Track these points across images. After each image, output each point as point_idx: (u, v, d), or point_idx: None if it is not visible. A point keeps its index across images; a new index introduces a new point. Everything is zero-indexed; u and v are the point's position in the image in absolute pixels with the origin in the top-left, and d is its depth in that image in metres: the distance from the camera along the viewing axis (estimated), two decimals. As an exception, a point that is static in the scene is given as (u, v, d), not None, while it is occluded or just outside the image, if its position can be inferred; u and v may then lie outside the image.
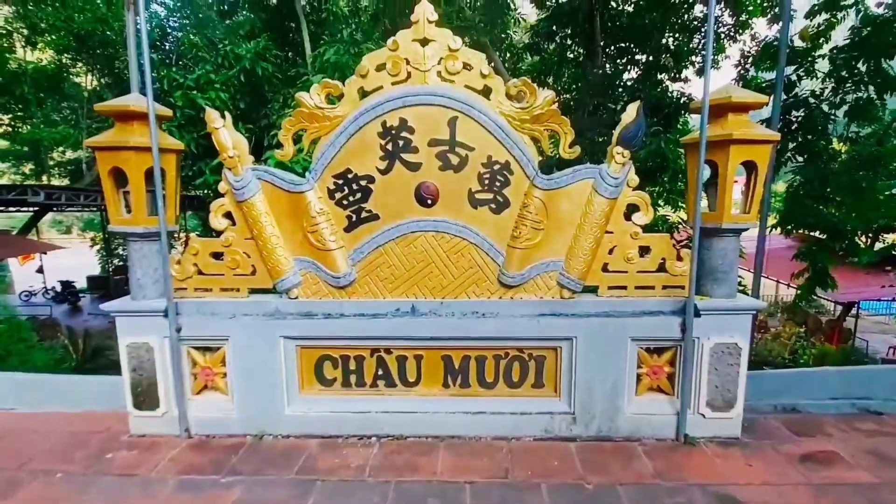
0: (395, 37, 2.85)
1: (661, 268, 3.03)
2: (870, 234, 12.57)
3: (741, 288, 9.04)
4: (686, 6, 11.33)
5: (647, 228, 3.00)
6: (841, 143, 8.31)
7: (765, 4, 11.45)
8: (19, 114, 14.77)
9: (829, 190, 7.66)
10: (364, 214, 2.96)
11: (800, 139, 7.58)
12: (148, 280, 3.01)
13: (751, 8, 11.22)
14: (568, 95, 12.42)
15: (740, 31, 11.92)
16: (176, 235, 9.57)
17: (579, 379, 3.00)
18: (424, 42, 2.83)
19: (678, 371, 3.02)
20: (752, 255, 6.47)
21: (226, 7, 10.47)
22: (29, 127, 14.53)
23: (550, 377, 3.10)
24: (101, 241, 18.92)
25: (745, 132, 2.76)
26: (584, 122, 9.50)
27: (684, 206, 6.70)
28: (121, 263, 17.48)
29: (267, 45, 8.38)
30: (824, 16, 7.73)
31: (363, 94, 2.88)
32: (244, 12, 10.48)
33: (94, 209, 14.65)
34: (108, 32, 11.40)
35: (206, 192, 9.80)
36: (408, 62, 2.84)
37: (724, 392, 3.00)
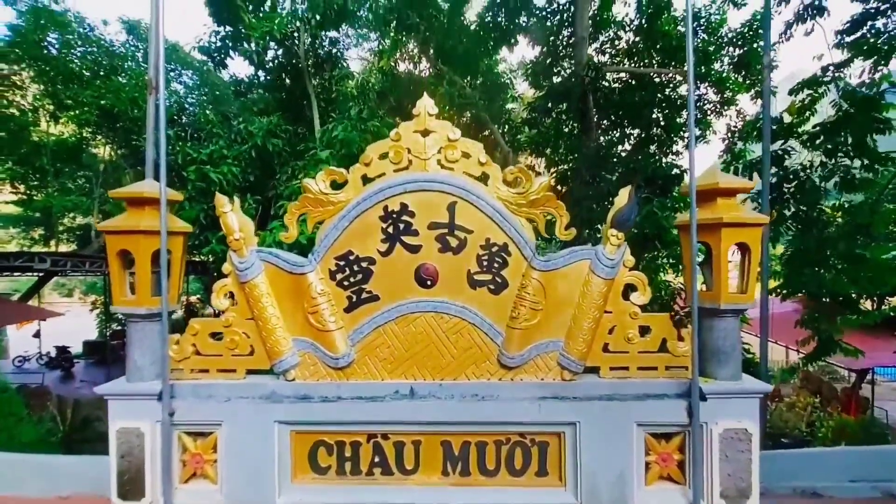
0: (398, 128, 3.04)
1: (663, 348, 3.01)
2: (873, 298, 12.49)
3: (750, 355, 8.83)
4: (672, 85, 12.10)
5: (650, 300, 3.01)
6: (835, 211, 8.49)
7: (747, 83, 12.23)
8: (35, 183, 15.34)
9: (827, 253, 7.71)
10: (364, 295, 2.99)
11: (793, 209, 7.75)
12: (146, 361, 2.99)
13: (734, 87, 11.96)
14: (565, 166, 12.93)
15: (725, 107, 12.64)
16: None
17: (585, 467, 2.88)
18: (425, 133, 3.00)
19: (688, 458, 2.89)
20: (757, 320, 6.41)
21: (242, 87, 11.19)
22: (43, 195, 15.04)
23: (554, 465, 2.97)
24: (102, 305, 18.90)
25: (734, 216, 2.85)
26: (581, 191, 9.80)
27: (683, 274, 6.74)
28: (118, 328, 17.35)
29: (278, 122, 8.88)
30: (808, 91, 8.11)
31: (366, 180, 3.02)
32: (259, 91, 11.17)
33: (98, 274, 14.78)
34: (134, 110, 12.11)
35: (210, 258, 9.94)
36: (409, 151, 3.00)
37: (738, 480, 2.86)
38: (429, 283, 2.97)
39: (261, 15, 9.40)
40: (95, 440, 8.55)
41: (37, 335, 17.59)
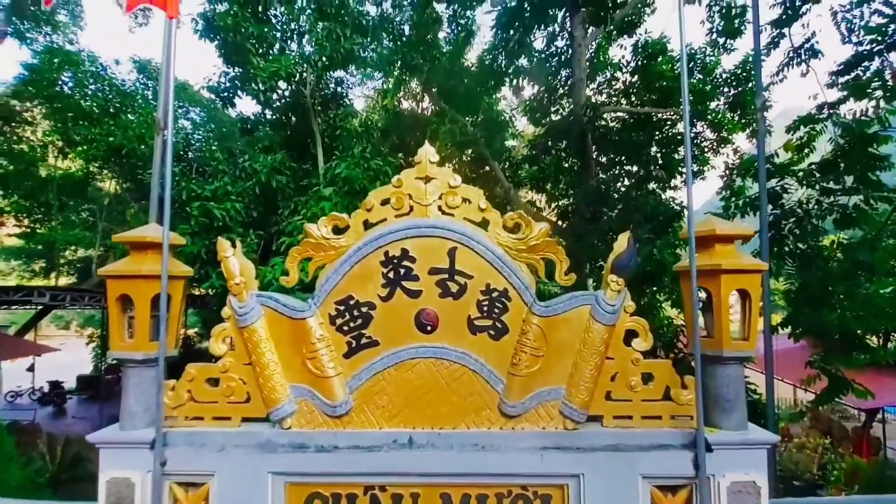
0: (400, 175, 3.09)
1: (667, 395, 2.95)
2: (880, 335, 12.32)
3: (756, 396, 8.59)
4: (670, 123, 12.38)
5: (653, 337, 2.98)
6: (835, 248, 8.47)
7: (743, 122, 12.49)
8: (39, 216, 15.50)
9: (830, 290, 7.64)
10: (364, 340, 2.97)
11: (791, 247, 7.76)
12: (139, 408, 2.93)
13: (729, 126, 12.21)
14: (566, 201, 13.08)
15: (722, 144, 12.87)
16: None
17: (589, 523, 2.78)
18: (427, 179, 3.06)
19: (696, 513, 2.79)
20: (762, 357, 6.26)
21: (248, 125, 11.46)
22: (47, 228, 15.17)
23: (558, 520, 2.87)
24: (98, 339, 18.73)
25: (733, 262, 2.86)
26: (582, 227, 9.86)
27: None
28: (114, 362, 17.13)
29: (283, 160, 9.05)
30: (804, 129, 8.17)
31: (367, 225, 3.05)
32: (265, 128, 11.42)
33: (97, 307, 14.72)
34: (141, 146, 12.37)
35: (210, 291, 9.93)
36: (411, 197, 3.05)
37: (749, 537, 2.75)
38: (429, 328, 2.96)
39: (270, 57, 9.72)
40: (85, 479, 8.30)
41: (31, 369, 17.34)
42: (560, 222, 11.78)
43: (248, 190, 8.69)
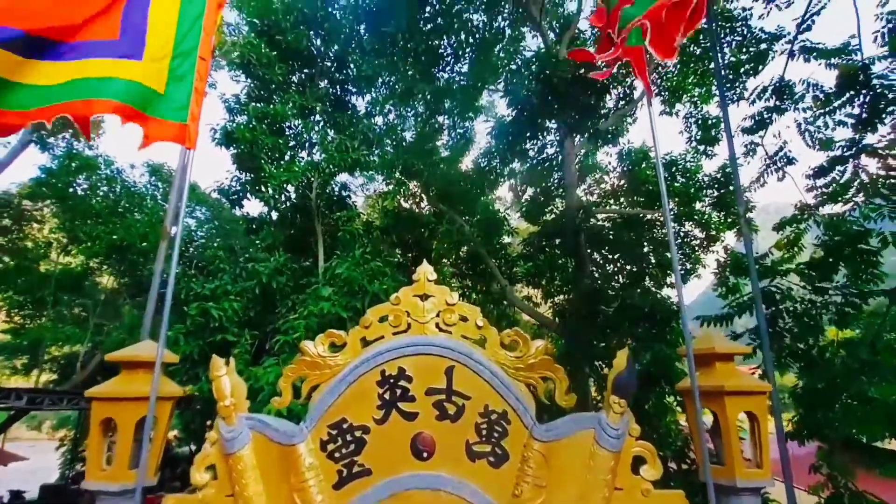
0: (398, 293, 3.15)
1: (682, 530, 2.73)
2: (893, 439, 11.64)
3: (775, 510, 7.85)
4: (659, 224, 12.87)
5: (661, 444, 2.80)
6: (837, 347, 8.33)
7: (728, 221, 13.00)
8: (30, 311, 15.33)
9: (834, 391, 7.37)
10: (356, 469, 2.80)
11: (791, 347, 7.65)
12: (106, 549, 2.67)
13: (716, 226, 12.70)
14: (561, 297, 13.14)
15: (712, 243, 13.27)
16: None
17: None
18: (424, 297, 3.11)
19: None
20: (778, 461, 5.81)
21: (254, 225, 11.84)
22: (37, 324, 14.93)
23: None
24: (70, 442, 17.53)
25: (735, 384, 2.82)
26: (579, 326, 9.80)
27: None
28: (82, 468, 15.86)
29: (285, 262, 9.23)
30: (791, 229, 8.39)
31: (365, 343, 3.04)
32: (269, 228, 11.77)
33: (75, 409, 13.99)
34: (143, 243, 12.65)
35: (197, 393, 9.52)
36: (409, 314, 3.07)
37: None
38: (425, 454, 2.81)
39: (281, 164, 10.35)
40: None
41: (-7, 476, 15.99)
42: (556, 319, 11.72)
43: (247, 290, 8.74)
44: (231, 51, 13.66)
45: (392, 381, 2.92)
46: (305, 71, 11.74)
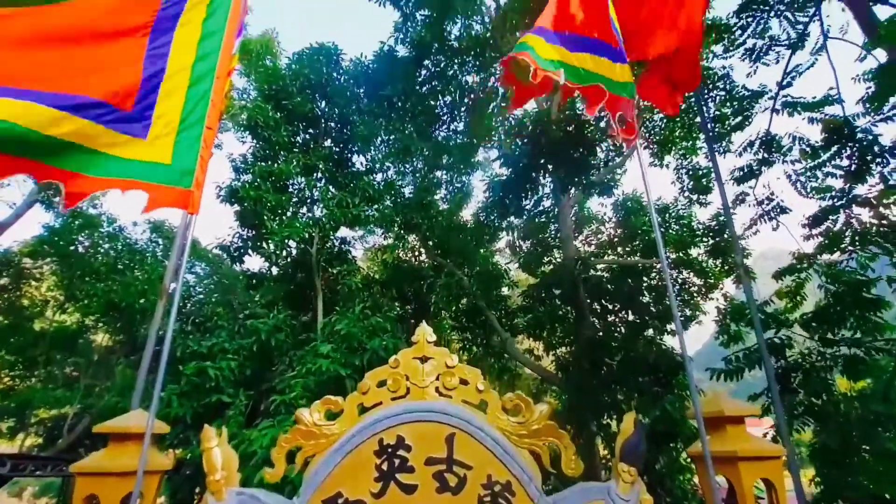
0: (397, 355, 3.09)
1: None
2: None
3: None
4: (656, 272, 12.87)
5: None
6: (850, 399, 8.05)
7: (725, 268, 13.01)
8: (20, 371, 14.96)
9: (853, 448, 7.04)
10: (352, 550, 2.63)
11: (804, 402, 7.41)
12: None
13: (713, 274, 12.70)
14: (564, 349, 12.91)
15: (711, 290, 13.21)
16: None
17: None
18: (424, 359, 3.05)
19: None
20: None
21: (254, 280, 11.83)
22: (27, 385, 14.53)
23: None
24: (50, 514, 16.58)
25: (748, 448, 2.71)
26: (583, 379, 9.56)
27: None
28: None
29: (285, 319, 9.14)
30: (791, 278, 8.31)
31: (362, 409, 2.94)
32: (269, 283, 11.75)
33: (59, 475, 13.34)
34: (141, 301, 12.57)
35: (188, 456, 9.11)
36: (408, 378, 3.00)
37: None
38: (426, 532, 2.65)
39: (284, 220, 10.50)
40: None
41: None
42: (559, 374, 11.46)
43: (245, 347, 8.59)
44: (239, 114, 14.27)
45: (390, 450, 2.81)
46: (310, 132, 12.19)
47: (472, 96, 12.82)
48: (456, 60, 12.39)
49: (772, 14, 8.36)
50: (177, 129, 3.22)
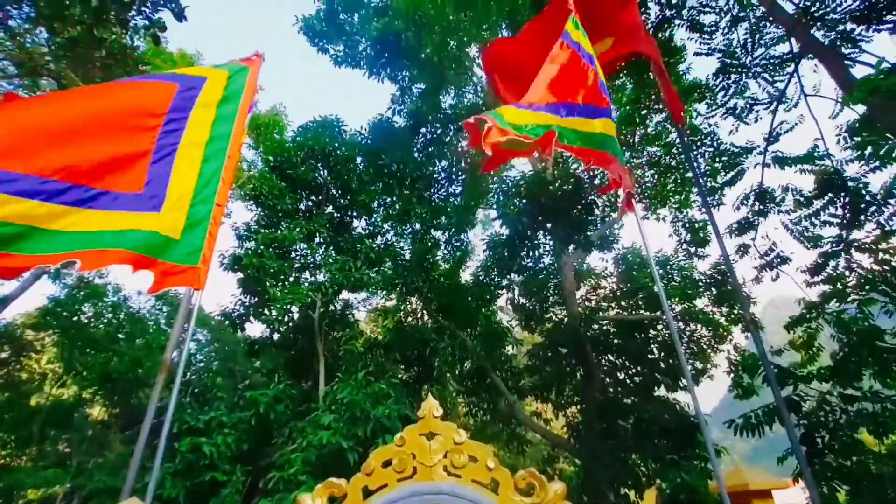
0: (402, 432, 2.98)
1: None
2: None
3: None
4: (662, 325, 12.68)
5: None
6: (881, 458, 7.59)
7: (732, 317, 12.81)
8: (12, 450, 14.39)
9: None
10: None
11: (833, 464, 7.00)
12: None
13: (719, 325, 12.51)
14: (573, 408, 12.44)
15: (719, 341, 12.93)
16: None
17: None
18: (431, 436, 2.93)
19: None
20: None
21: (255, 346, 11.67)
22: (17, 466, 13.89)
23: None
24: None
25: (779, 526, 2.54)
26: (595, 444, 9.14)
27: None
28: None
29: (284, 389, 8.92)
30: (801, 329, 8.10)
31: (367, 493, 2.79)
32: (270, 349, 11.59)
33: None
34: (137, 370, 12.33)
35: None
36: (414, 457, 2.87)
37: None
38: None
39: (286, 286, 10.52)
40: None
41: None
42: (570, 438, 10.97)
43: (243, 420, 8.31)
44: (246, 183, 14.76)
45: (398, 539, 2.63)
46: (312, 199, 12.55)
47: (468, 160, 13.30)
48: (451, 127, 13.00)
49: (749, 75, 8.87)
50: (189, 206, 3.31)
